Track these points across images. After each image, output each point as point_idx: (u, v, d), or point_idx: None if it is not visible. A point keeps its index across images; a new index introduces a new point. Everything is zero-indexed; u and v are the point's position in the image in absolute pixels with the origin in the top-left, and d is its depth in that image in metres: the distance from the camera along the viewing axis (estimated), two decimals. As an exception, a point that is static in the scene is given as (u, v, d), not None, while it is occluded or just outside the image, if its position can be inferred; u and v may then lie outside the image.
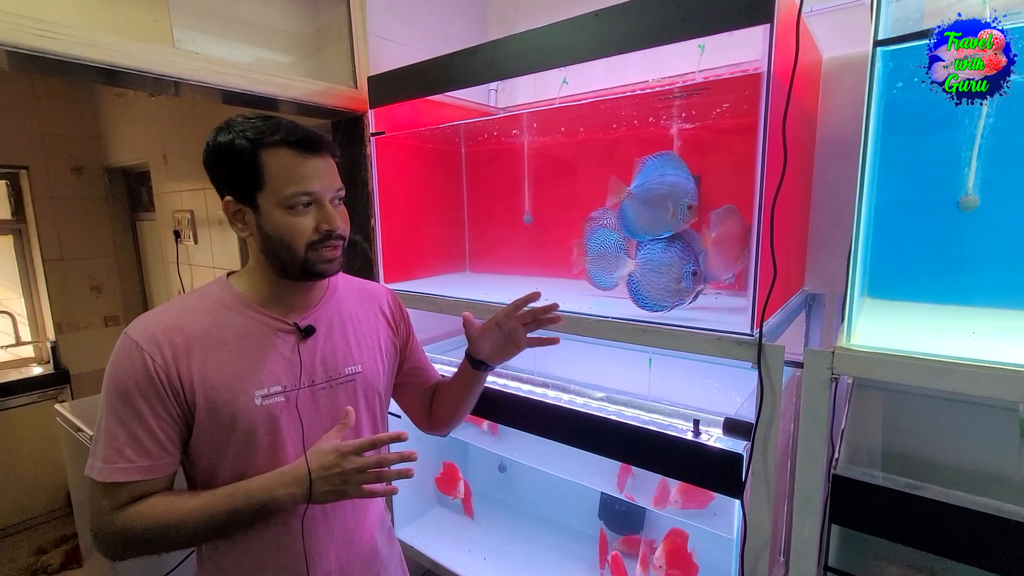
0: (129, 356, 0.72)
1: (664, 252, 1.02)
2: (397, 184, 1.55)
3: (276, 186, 0.74)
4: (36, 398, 2.84)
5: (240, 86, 1.26)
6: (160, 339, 0.73)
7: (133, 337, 0.73)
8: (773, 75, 0.81)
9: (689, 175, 1.02)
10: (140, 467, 0.71)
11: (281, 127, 0.75)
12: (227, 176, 0.76)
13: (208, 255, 2.53)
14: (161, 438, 0.73)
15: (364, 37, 1.51)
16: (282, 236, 0.76)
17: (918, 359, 0.72)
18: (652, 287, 1.00)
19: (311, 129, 0.77)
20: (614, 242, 1.26)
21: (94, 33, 1.02)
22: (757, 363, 0.85)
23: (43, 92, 2.88)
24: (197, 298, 0.80)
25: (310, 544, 0.82)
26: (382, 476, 0.76)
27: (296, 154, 0.75)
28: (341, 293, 0.92)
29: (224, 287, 0.82)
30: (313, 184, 0.75)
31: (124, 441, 0.70)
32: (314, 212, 0.77)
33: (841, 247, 1.29)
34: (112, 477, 0.70)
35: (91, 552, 1.89)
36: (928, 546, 0.76)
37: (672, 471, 0.99)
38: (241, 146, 0.74)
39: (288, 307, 0.83)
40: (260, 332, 0.79)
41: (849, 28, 1.21)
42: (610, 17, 0.97)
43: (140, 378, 0.71)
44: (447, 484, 1.72)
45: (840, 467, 0.82)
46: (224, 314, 0.79)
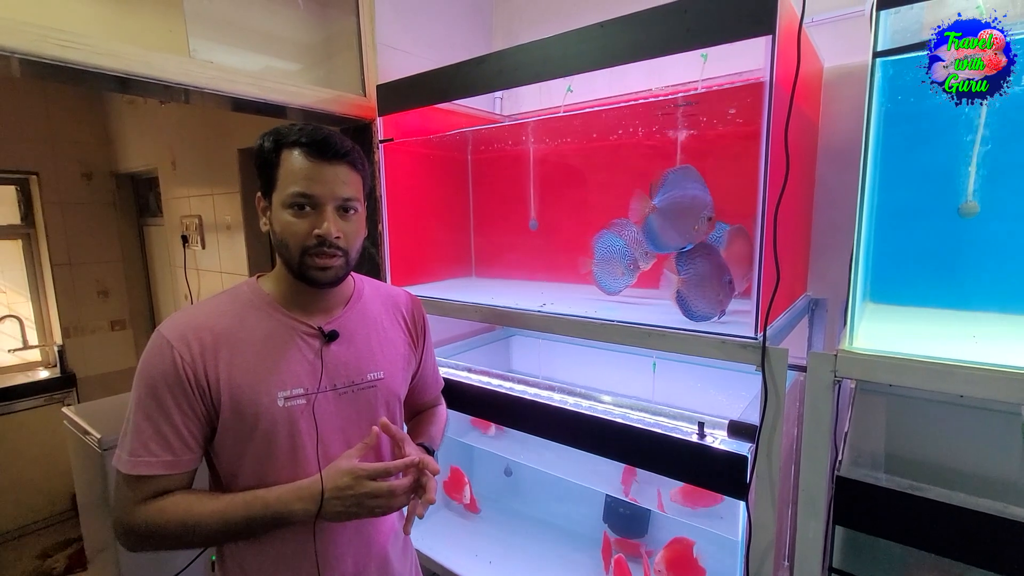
0: (160, 353, 0.74)
1: (704, 265, 1.03)
2: (404, 190, 1.57)
3: (283, 185, 0.77)
4: (43, 401, 2.86)
5: (251, 94, 1.28)
6: (189, 337, 0.75)
7: (165, 335, 0.75)
8: (775, 84, 0.83)
9: (706, 187, 1.05)
10: (163, 461, 0.73)
11: (303, 131, 0.77)
12: (257, 174, 0.80)
13: (216, 260, 2.55)
14: (185, 435, 0.74)
15: (373, 46, 1.54)
16: (282, 236, 0.78)
17: (920, 362, 0.73)
18: (699, 299, 1.03)
19: (334, 136, 0.78)
20: (619, 248, 1.28)
21: (113, 43, 1.05)
22: (761, 366, 0.86)
23: (53, 99, 2.92)
24: (227, 299, 0.82)
25: (329, 548, 0.83)
26: (393, 506, 0.78)
27: (306, 156, 0.76)
28: (367, 299, 0.93)
29: (253, 289, 0.83)
30: (314, 187, 0.76)
31: (150, 436, 0.73)
32: (312, 217, 0.77)
33: (843, 252, 1.31)
34: (136, 470, 0.72)
35: (96, 555, 1.90)
36: (931, 547, 0.77)
37: (677, 473, 1.01)
38: (268, 146, 0.78)
39: (312, 310, 0.85)
40: (285, 334, 0.81)
41: (849, 38, 1.24)
42: (615, 28, 0.99)
43: (169, 375, 0.73)
44: (453, 488, 1.73)
45: (844, 469, 0.83)
46: (251, 315, 0.80)
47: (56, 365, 2.98)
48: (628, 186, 1.46)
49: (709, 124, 1.28)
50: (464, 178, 1.80)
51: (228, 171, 2.35)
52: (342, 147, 0.78)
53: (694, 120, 1.27)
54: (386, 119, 1.50)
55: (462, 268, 1.82)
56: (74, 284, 3.03)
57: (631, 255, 1.26)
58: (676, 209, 1.06)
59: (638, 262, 1.26)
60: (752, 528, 0.91)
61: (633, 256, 1.26)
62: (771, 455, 0.88)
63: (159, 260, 3.18)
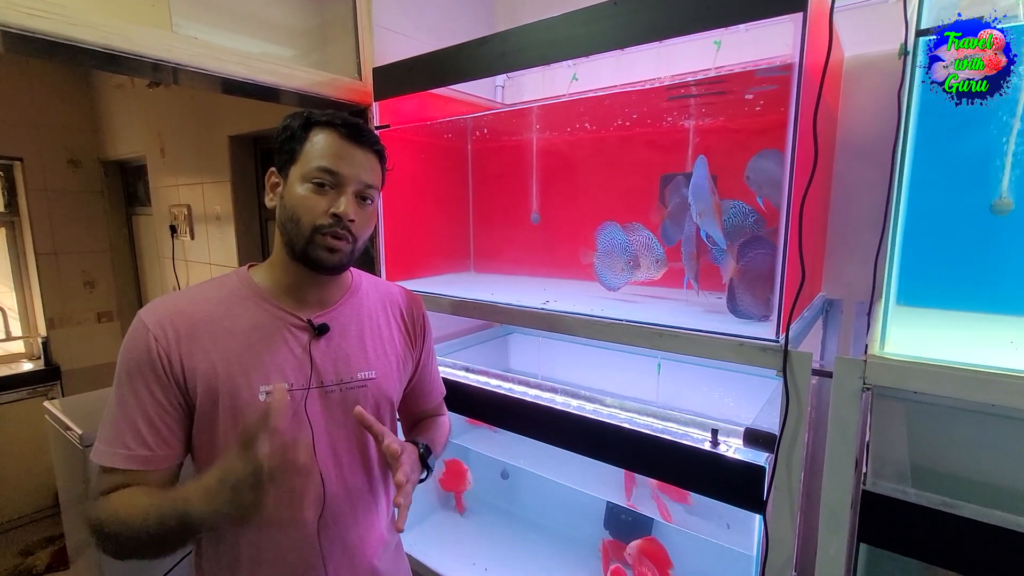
0: (136, 337, 0.70)
1: (764, 260, 0.94)
2: (401, 180, 1.50)
3: (307, 159, 0.75)
4: (25, 394, 2.79)
5: (241, 74, 1.21)
6: (166, 323, 0.71)
7: (143, 318, 0.72)
8: (801, 70, 0.77)
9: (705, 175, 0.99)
10: (137, 456, 0.68)
11: (337, 115, 0.77)
12: (278, 150, 0.78)
13: (205, 251, 2.48)
14: (161, 429, 0.70)
15: (369, 28, 1.47)
16: (295, 209, 0.75)
17: (960, 370, 0.67)
18: (747, 294, 0.96)
19: (365, 124, 0.78)
20: (621, 243, 1.22)
21: (89, 14, 0.97)
22: (783, 371, 0.81)
23: (39, 82, 2.83)
24: (214, 287, 0.79)
25: (310, 558, 0.77)
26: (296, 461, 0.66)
27: (338, 136, 0.76)
28: (364, 294, 0.88)
29: (242, 277, 0.80)
30: (340, 165, 0.75)
31: (125, 428, 0.68)
32: (331, 196, 0.75)
33: (860, 251, 1.25)
34: (108, 461, 0.68)
35: (78, 553, 1.84)
36: (964, 568, 0.71)
37: (688, 483, 0.95)
38: (296, 124, 0.77)
39: (304, 301, 0.80)
40: (271, 325, 0.77)
41: (871, 27, 1.18)
42: (630, 6, 0.92)
43: (143, 360, 0.69)
44: (453, 481, 1.68)
45: (869, 483, 0.78)
46: (238, 304, 0.76)
47: (40, 357, 2.89)
48: (637, 179, 1.40)
49: (722, 112, 1.22)
50: (463, 168, 1.73)
51: (219, 160, 2.27)
52: (373, 136, 0.79)
53: (715, 107, 1.20)
54: (383, 105, 1.43)
55: (460, 263, 1.75)
56: (59, 274, 2.95)
57: (632, 251, 1.21)
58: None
59: (639, 259, 1.20)
60: (769, 543, 0.86)
61: (634, 253, 1.21)
62: (791, 466, 0.83)
63: (147, 250, 3.10)
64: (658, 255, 1.17)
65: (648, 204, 1.34)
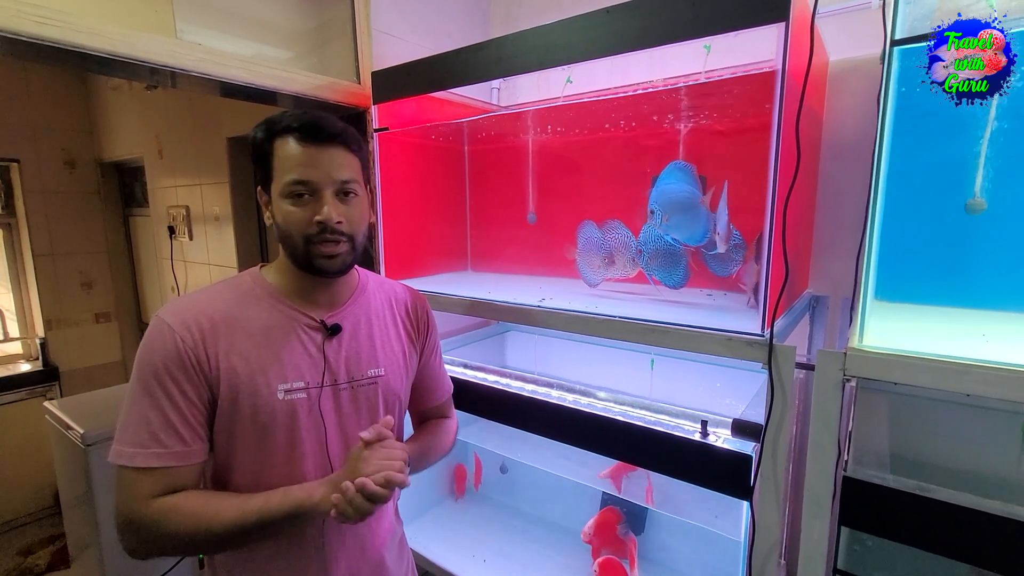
0: (161, 338, 0.71)
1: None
2: (400, 181, 1.53)
3: (279, 174, 0.75)
4: (24, 395, 2.79)
5: (241, 79, 1.24)
6: (190, 322, 0.72)
7: (165, 319, 0.72)
8: (784, 75, 0.80)
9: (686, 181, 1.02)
10: (175, 452, 0.70)
11: (294, 116, 0.74)
12: (256, 167, 0.78)
13: (203, 252, 2.50)
14: (193, 423, 0.71)
15: (368, 32, 1.50)
16: (285, 226, 0.76)
17: (934, 361, 0.71)
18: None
19: (326, 118, 0.76)
20: (596, 240, 1.26)
21: (95, 21, 1.00)
22: (768, 364, 0.84)
23: (36, 83, 2.83)
24: (229, 287, 0.79)
25: (323, 551, 0.80)
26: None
27: (299, 142, 0.74)
28: (371, 293, 0.90)
29: (256, 278, 0.81)
30: (310, 173, 0.73)
31: (159, 425, 0.69)
32: (312, 204, 0.74)
33: (845, 249, 1.29)
34: (147, 462, 0.68)
35: (79, 553, 1.85)
36: (938, 549, 0.75)
37: (679, 472, 0.99)
38: (260, 137, 0.76)
39: (314, 302, 0.82)
40: (286, 325, 0.78)
41: (855, 31, 1.22)
42: (622, 14, 0.96)
43: (171, 358, 0.70)
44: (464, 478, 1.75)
45: (850, 469, 0.82)
46: (253, 305, 0.78)
47: (38, 358, 2.90)
48: (629, 179, 1.44)
49: (711, 116, 1.25)
50: (461, 170, 1.76)
51: (217, 161, 2.29)
52: (334, 128, 0.76)
53: (704, 110, 1.23)
54: (381, 108, 1.46)
55: (458, 262, 1.78)
56: (57, 275, 2.95)
57: (608, 249, 1.25)
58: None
59: (614, 257, 1.24)
60: (756, 529, 0.89)
61: (610, 251, 1.24)
62: (777, 455, 0.87)
63: (145, 251, 3.11)
64: (634, 253, 1.20)
65: (641, 203, 1.38)
